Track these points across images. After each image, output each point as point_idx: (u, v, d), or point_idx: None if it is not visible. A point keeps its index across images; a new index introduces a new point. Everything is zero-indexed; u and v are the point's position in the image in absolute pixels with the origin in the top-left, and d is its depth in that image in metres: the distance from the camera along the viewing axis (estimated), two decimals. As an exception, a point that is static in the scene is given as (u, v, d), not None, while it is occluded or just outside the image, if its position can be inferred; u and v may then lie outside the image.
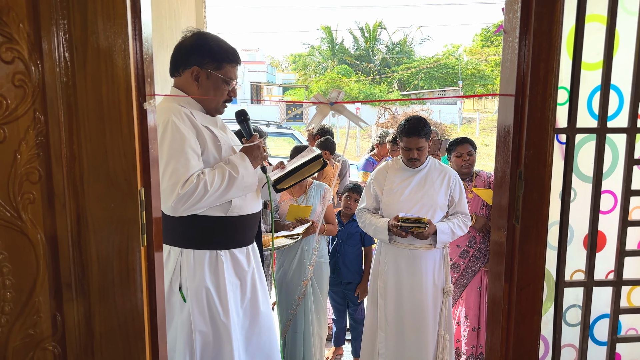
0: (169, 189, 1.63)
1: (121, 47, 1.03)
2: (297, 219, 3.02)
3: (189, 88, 1.80)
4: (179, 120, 1.69)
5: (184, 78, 1.80)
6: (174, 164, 1.63)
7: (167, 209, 1.65)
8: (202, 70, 1.78)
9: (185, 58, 1.78)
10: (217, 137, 1.79)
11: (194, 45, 1.77)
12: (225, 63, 1.80)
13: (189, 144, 1.68)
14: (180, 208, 1.64)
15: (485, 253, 3.35)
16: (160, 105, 1.76)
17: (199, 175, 1.67)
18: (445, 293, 2.76)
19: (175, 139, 1.65)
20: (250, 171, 1.80)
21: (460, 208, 2.81)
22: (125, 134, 1.06)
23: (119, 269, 1.10)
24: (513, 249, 1.27)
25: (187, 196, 1.63)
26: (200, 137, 1.74)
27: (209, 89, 1.80)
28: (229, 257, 1.84)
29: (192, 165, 1.67)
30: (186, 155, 1.66)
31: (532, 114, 1.20)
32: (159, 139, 1.64)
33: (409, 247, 2.73)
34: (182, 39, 1.81)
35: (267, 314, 1.97)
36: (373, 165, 4.60)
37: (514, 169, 1.25)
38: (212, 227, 1.79)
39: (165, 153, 1.64)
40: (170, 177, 1.63)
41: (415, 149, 2.72)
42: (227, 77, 1.81)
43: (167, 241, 1.78)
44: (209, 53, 1.77)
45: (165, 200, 1.63)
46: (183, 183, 1.63)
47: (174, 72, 1.83)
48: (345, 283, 3.46)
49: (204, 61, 1.77)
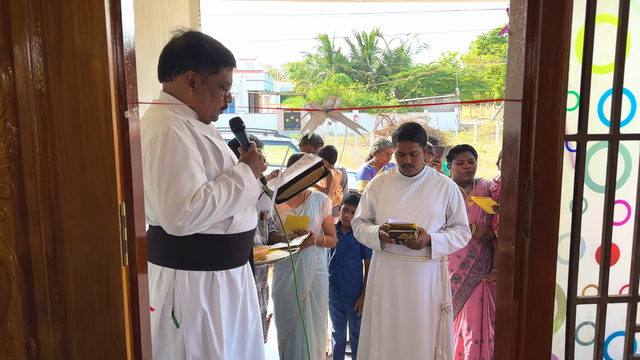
0: (175, 206, 1.51)
1: (99, 52, 0.95)
2: (295, 230, 2.94)
3: (182, 94, 1.69)
4: (179, 130, 1.58)
5: (177, 83, 1.70)
6: (179, 178, 1.52)
7: (173, 228, 1.54)
8: (198, 74, 1.67)
9: (178, 61, 1.67)
10: (218, 147, 1.70)
11: (188, 47, 1.67)
12: (222, 66, 1.70)
13: (193, 156, 1.57)
14: (188, 227, 1.54)
15: (487, 263, 3.27)
16: (153, 114, 1.66)
17: (205, 190, 1.56)
18: (443, 309, 2.66)
19: (178, 150, 1.54)
20: (254, 183, 1.71)
21: (459, 219, 2.73)
22: (104, 145, 0.98)
23: (99, 291, 1.01)
24: (522, 264, 1.19)
25: (195, 214, 1.53)
26: (201, 148, 1.63)
27: (205, 94, 1.70)
28: (225, 278, 1.73)
29: (198, 179, 1.57)
30: (191, 168, 1.55)
31: (541, 120, 1.12)
32: (160, 151, 1.54)
33: (404, 259, 2.64)
34: (173, 40, 1.70)
35: (256, 334, 1.87)
36: (372, 173, 4.52)
37: (522, 178, 1.17)
38: (210, 247, 1.68)
39: (168, 167, 1.53)
40: (177, 194, 1.51)
41: (408, 153, 2.64)
42: (224, 82, 1.72)
43: (158, 262, 1.68)
44: (205, 56, 1.67)
45: (170, 219, 1.52)
46: (191, 199, 1.52)
47: (164, 76, 1.72)
48: (345, 296, 3.37)
49: (199, 65, 1.66)
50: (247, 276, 1.85)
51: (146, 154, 1.55)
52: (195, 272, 1.67)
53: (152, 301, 1.64)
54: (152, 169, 1.54)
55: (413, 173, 2.71)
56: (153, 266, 1.69)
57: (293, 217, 2.93)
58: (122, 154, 1.04)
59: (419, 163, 2.69)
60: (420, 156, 2.67)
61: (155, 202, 1.54)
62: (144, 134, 1.57)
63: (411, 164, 2.65)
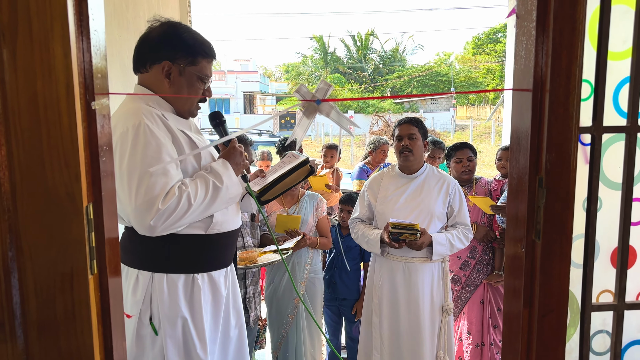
0: (146, 204, 1.41)
1: (60, 34, 0.84)
2: (287, 231, 2.83)
3: (158, 86, 1.59)
4: (152, 123, 1.47)
5: (152, 75, 1.60)
6: (150, 175, 1.42)
7: (144, 228, 1.43)
8: (175, 65, 1.57)
9: (154, 52, 1.57)
10: (195, 142, 1.59)
11: (165, 37, 1.57)
12: (201, 57, 1.61)
13: (167, 151, 1.47)
14: (160, 227, 1.43)
15: (488, 264, 3.17)
16: (125, 107, 1.56)
17: (180, 187, 1.46)
18: (444, 311, 2.56)
19: (150, 145, 1.44)
20: (234, 180, 1.61)
21: (461, 219, 2.63)
22: (67, 140, 0.87)
23: (63, 303, 0.90)
24: (533, 269, 1.09)
25: (168, 212, 1.42)
26: (176, 143, 1.53)
27: (182, 87, 1.60)
28: (207, 281, 1.63)
29: (172, 175, 1.46)
30: (164, 164, 1.45)
31: (553, 111, 1.02)
32: (130, 146, 1.44)
33: (405, 260, 2.54)
34: (149, 29, 1.60)
35: (238, 339, 1.77)
36: (367, 173, 4.42)
37: (532, 175, 1.07)
38: (189, 248, 1.58)
39: (139, 162, 1.42)
40: (148, 191, 1.41)
41: (406, 136, 2.55)
42: (203, 74, 1.62)
43: (134, 265, 1.57)
44: (182, 46, 1.57)
45: (141, 218, 1.42)
46: (164, 197, 1.42)
47: (139, 67, 1.62)
48: (341, 299, 3.26)
49: (176, 55, 1.57)
50: (231, 279, 1.75)
51: (116, 149, 1.45)
52: (174, 275, 1.56)
53: (129, 307, 1.53)
54: (123, 165, 1.44)
55: (412, 163, 2.60)
56: (129, 270, 1.58)
57: (284, 217, 2.82)
58: (89, 149, 0.93)
59: (417, 150, 2.58)
60: (419, 143, 2.58)
61: (126, 200, 1.44)
62: (115, 128, 1.47)
63: (409, 147, 2.55)
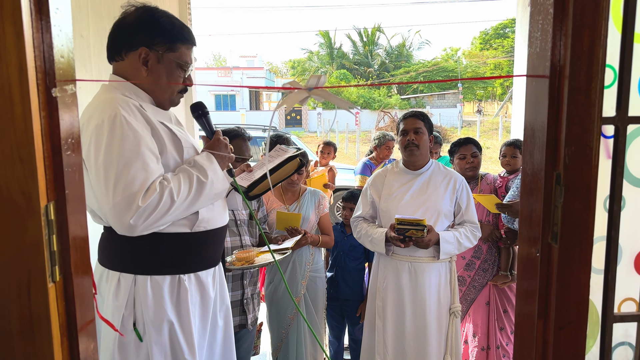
0: (125, 202, 1.30)
1: (10, 10, 0.74)
2: (287, 229, 2.72)
3: (134, 75, 1.49)
4: (129, 115, 1.37)
5: (128, 63, 1.49)
6: (129, 169, 1.32)
7: (124, 228, 1.33)
8: (152, 52, 1.47)
9: (130, 38, 1.47)
10: (177, 134, 1.49)
11: (141, 22, 1.46)
12: (180, 43, 1.51)
13: (146, 144, 1.37)
14: (141, 225, 1.33)
15: (493, 265, 3.06)
16: (99, 98, 1.46)
17: (161, 183, 1.36)
18: (452, 313, 2.45)
19: (127, 138, 1.34)
20: (220, 175, 1.51)
21: (468, 216, 2.51)
22: (21, 131, 0.76)
23: (19, 316, 0.80)
24: (549, 275, 0.98)
25: (149, 210, 1.32)
26: (156, 135, 1.43)
27: (161, 75, 1.50)
28: (194, 282, 1.53)
29: (152, 169, 1.36)
30: (143, 157, 1.34)
31: (573, 98, 0.91)
32: (106, 139, 1.34)
33: (410, 260, 2.43)
34: (124, 14, 1.50)
35: (223, 343, 1.68)
36: (371, 168, 4.31)
37: (549, 171, 0.96)
38: (174, 247, 1.48)
39: (116, 157, 1.32)
40: (126, 188, 1.31)
41: (412, 130, 2.44)
42: (183, 61, 1.52)
43: (115, 267, 1.47)
44: (160, 31, 1.47)
45: (119, 217, 1.31)
46: (144, 193, 1.32)
47: (114, 55, 1.51)
48: (344, 300, 3.15)
49: (153, 41, 1.47)
50: (219, 279, 1.65)
51: (91, 143, 1.35)
52: (159, 276, 1.46)
53: (110, 312, 1.44)
54: (98, 160, 1.34)
55: (417, 157, 2.49)
56: (110, 272, 1.48)
57: (284, 215, 2.72)
58: (51, 142, 0.83)
59: (424, 145, 2.47)
60: (425, 137, 2.47)
61: (103, 198, 1.33)
62: (89, 121, 1.37)
63: (414, 142, 2.44)
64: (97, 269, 1.53)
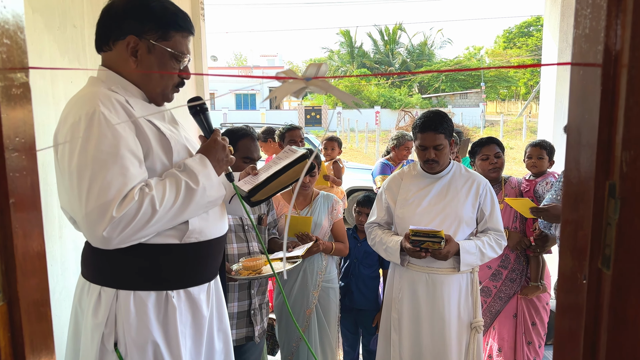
0: (98, 211, 1.16)
1: None
2: (297, 235, 2.57)
3: (123, 66, 1.34)
4: (109, 111, 1.23)
5: (116, 53, 1.35)
6: (105, 174, 1.17)
7: (97, 240, 1.19)
8: (142, 40, 1.32)
9: (117, 25, 1.32)
10: (165, 134, 1.34)
11: (129, 7, 1.32)
12: (174, 31, 1.35)
13: (126, 146, 1.22)
14: (116, 238, 1.18)
15: (521, 275, 2.85)
16: (81, 92, 1.32)
17: (142, 189, 1.21)
18: (473, 329, 2.26)
19: (105, 138, 1.19)
20: (214, 181, 1.35)
21: (492, 224, 2.32)
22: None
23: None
24: (599, 309, 0.80)
25: (125, 221, 1.17)
26: (141, 136, 1.28)
27: (152, 66, 1.35)
28: (184, 299, 1.38)
29: (132, 174, 1.21)
30: (122, 161, 1.20)
31: (633, 92, 0.73)
32: (81, 139, 1.20)
33: (428, 271, 2.25)
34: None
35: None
36: (390, 168, 4.12)
37: (600, 180, 0.78)
38: (160, 260, 1.33)
39: (91, 159, 1.18)
40: (100, 195, 1.16)
41: (431, 147, 2.24)
42: (177, 51, 1.36)
43: (96, 280, 1.33)
44: (150, 17, 1.32)
45: (92, 228, 1.17)
46: (120, 202, 1.17)
47: (101, 45, 1.37)
48: (358, 309, 2.98)
49: (143, 28, 1.32)
50: (215, 295, 1.50)
51: (66, 144, 1.21)
52: (143, 292, 1.31)
53: (89, 330, 1.30)
54: (72, 162, 1.19)
55: (437, 170, 2.31)
56: (91, 286, 1.34)
57: (293, 219, 2.56)
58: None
59: (444, 158, 2.28)
60: (446, 150, 2.27)
61: (76, 206, 1.19)
62: (66, 119, 1.24)
63: (435, 159, 2.25)
64: (79, 281, 1.40)
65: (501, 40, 41.12)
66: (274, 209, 2.63)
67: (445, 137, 2.24)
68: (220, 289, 1.54)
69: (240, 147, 2.24)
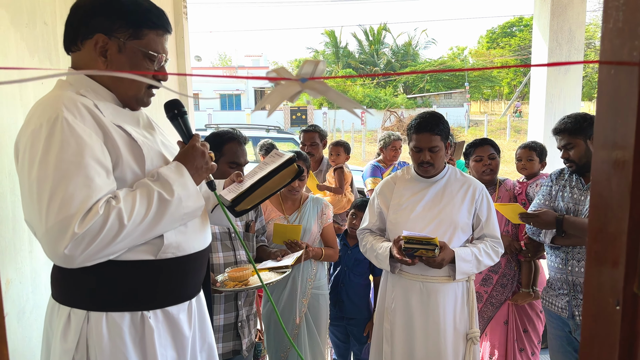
0: (59, 227, 1.04)
1: None
2: (286, 242, 2.46)
3: (92, 68, 1.23)
4: (73, 117, 1.11)
5: (85, 53, 1.23)
6: (67, 186, 1.05)
7: (58, 258, 1.07)
8: (112, 39, 1.21)
9: (86, 22, 1.21)
10: (137, 141, 1.22)
11: (98, 3, 1.21)
12: (147, 29, 1.24)
13: (92, 154, 1.10)
14: (80, 257, 1.06)
15: (513, 280, 2.78)
16: (46, 96, 1.20)
17: (108, 202, 1.10)
18: (469, 339, 2.18)
19: (68, 146, 1.08)
20: (192, 190, 1.24)
21: (489, 230, 2.24)
22: None
23: None
24: (634, 338, 0.71)
25: (90, 237, 1.06)
26: (110, 143, 1.16)
27: (123, 67, 1.23)
28: (162, 319, 1.26)
29: (97, 186, 1.09)
30: (87, 171, 1.08)
31: (677, 94, 0.64)
32: (42, 147, 1.08)
33: (422, 279, 2.16)
34: None
35: None
36: (381, 170, 4.03)
37: (637, 194, 0.69)
38: (134, 278, 1.22)
39: (52, 169, 1.06)
40: (62, 209, 1.04)
41: (426, 149, 2.15)
42: (151, 50, 1.25)
43: (65, 301, 1.22)
44: (121, 14, 1.21)
45: (53, 245, 1.05)
46: (83, 216, 1.05)
47: (70, 45, 1.26)
48: (349, 318, 2.89)
49: (113, 26, 1.21)
50: (197, 313, 1.38)
51: (26, 152, 1.10)
52: (116, 313, 1.20)
53: (58, 356, 1.19)
54: (32, 173, 1.08)
55: (432, 174, 2.22)
56: (60, 307, 1.22)
57: (281, 226, 2.45)
58: None
59: (440, 161, 2.20)
60: (442, 153, 2.18)
61: (36, 221, 1.08)
62: (27, 125, 1.13)
63: (430, 162, 2.16)
64: (50, 302, 1.28)
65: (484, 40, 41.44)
66: (262, 215, 2.52)
67: (441, 139, 2.15)
68: (203, 305, 1.42)
69: (227, 152, 2.12)
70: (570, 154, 2.23)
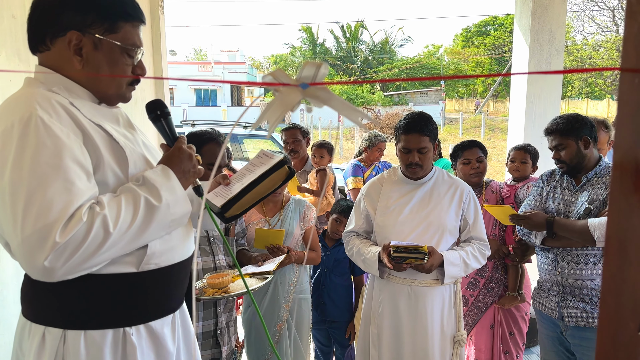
0: (37, 236, 0.94)
1: None
2: (268, 247, 2.38)
3: (66, 68, 1.13)
4: (49, 116, 1.02)
5: (56, 53, 1.13)
6: (45, 191, 0.96)
7: (37, 271, 0.97)
8: (86, 36, 1.11)
9: (54, 19, 1.10)
10: (119, 142, 1.13)
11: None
12: (122, 21, 1.14)
13: (72, 155, 1.01)
14: (61, 269, 0.97)
15: (499, 284, 2.76)
16: (16, 94, 1.10)
17: (92, 208, 1.00)
18: (456, 342, 2.15)
19: (44, 147, 0.98)
20: (180, 195, 1.15)
21: (476, 232, 2.20)
22: None
23: None
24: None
25: (72, 247, 0.96)
26: (89, 144, 1.07)
27: (101, 64, 1.14)
28: (144, 336, 1.17)
29: (79, 190, 0.99)
30: (66, 174, 0.98)
31: None
32: (15, 149, 0.98)
33: (410, 283, 2.12)
34: None
35: None
36: (362, 170, 3.97)
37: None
38: (114, 292, 1.13)
39: (27, 173, 0.96)
40: (39, 217, 0.94)
41: (415, 150, 2.11)
42: (129, 44, 1.16)
43: (38, 319, 1.11)
44: (93, 6, 1.11)
45: (30, 257, 0.95)
46: (64, 224, 0.95)
47: (37, 44, 1.15)
48: (331, 321, 2.83)
49: (86, 21, 1.10)
50: (181, 326, 1.30)
51: None
52: (96, 331, 1.11)
53: None
54: (4, 178, 0.98)
55: (420, 175, 2.18)
56: (32, 326, 1.12)
57: (263, 231, 2.36)
58: None
59: (428, 163, 2.15)
60: (430, 154, 2.14)
61: (10, 231, 0.97)
62: None
63: (419, 163, 2.11)
64: (20, 320, 1.18)
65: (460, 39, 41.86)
66: (242, 218, 2.44)
67: (430, 139, 2.11)
68: (187, 317, 1.34)
69: (205, 153, 2.03)
70: (561, 155, 2.20)
